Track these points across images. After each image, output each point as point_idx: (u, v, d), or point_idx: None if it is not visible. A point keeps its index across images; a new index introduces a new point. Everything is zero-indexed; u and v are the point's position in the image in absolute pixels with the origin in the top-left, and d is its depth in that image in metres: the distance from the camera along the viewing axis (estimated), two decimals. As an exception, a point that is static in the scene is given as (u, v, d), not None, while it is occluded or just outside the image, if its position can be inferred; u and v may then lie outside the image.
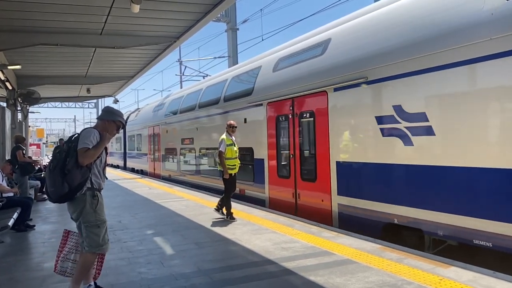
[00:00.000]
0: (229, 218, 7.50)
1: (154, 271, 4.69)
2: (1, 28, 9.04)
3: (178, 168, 15.79)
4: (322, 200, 7.44)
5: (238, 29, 23.17)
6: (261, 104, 9.42)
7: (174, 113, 16.13)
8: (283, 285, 4.15)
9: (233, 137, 7.81)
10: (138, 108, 25.82)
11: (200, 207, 9.14)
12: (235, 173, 7.75)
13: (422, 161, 5.52)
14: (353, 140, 6.81)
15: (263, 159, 9.40)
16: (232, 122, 7.93)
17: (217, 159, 7.90)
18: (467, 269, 4.33)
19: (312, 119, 7.77)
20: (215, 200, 9.97)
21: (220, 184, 10.25)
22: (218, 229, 6.78)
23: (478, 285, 3.90)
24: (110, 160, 28.62)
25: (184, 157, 15.21)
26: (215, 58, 26.86)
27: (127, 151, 25.42)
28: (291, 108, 8.37)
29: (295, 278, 4.32)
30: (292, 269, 4.61)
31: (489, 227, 4.72)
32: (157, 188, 13.27)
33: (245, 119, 10.19)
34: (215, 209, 7.82)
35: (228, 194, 7.64)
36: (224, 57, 25.37)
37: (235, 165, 7.70)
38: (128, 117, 25.34)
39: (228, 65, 22.71)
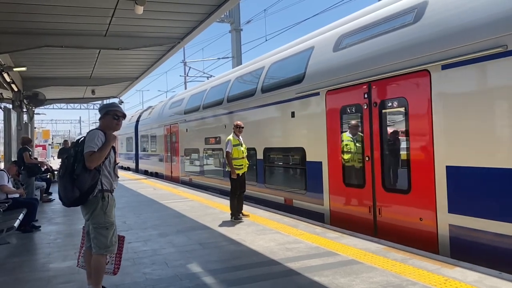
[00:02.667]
0: (234, 218, 7.51)
1: (159, 272, 4.71)
2: (6, 30, 9.11)
3: (202, 171, 13.86)
4: (421, 219, 5.56)
5: (242, 29, 23.24)
6: (318, 93, 7.55)
7: (196, 110, 14.21)
8: (288, 285, 4.15)
9: (240, 137, 7.86)
10: (151, 106, 23.86)
11: (205, 207, 9.15)
12: (243, 173, 7.78)
13: None
14: (481, 136, 4.87)
15: (320, 162, 7.51)
16: (239, 122, 7.99)
17: (223, 160, 7.99)
18: (473, 270, 4.30)
19: (402, 108, 5.89)
20: (219, 201, 10.00)
21: (259, 192, 9.41)
22: (222, 230, 6.79)
23: (484, 286, 3.88)
24: (121, 162, 27.27)
25: (209, 159, 13.31)
26: (219, 58, 26.92)
27: (139, 152, 23.42)
28: (366, 96, 6.49)
29: (299, 279, 4.32)
30: (297, 269, 4.60)
31: None
32: (161, 189, 13.30)
33: (293, 113, 8.36)
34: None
35: (233, 195, 7.65)
36: (228, 57, 25.42)
37: (243, 165, 7.74)
38: (140, 116, 23.85)
39: (232, 65, 22.73)
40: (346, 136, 6.94)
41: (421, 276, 4.23)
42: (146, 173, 21.59)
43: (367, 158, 6.46)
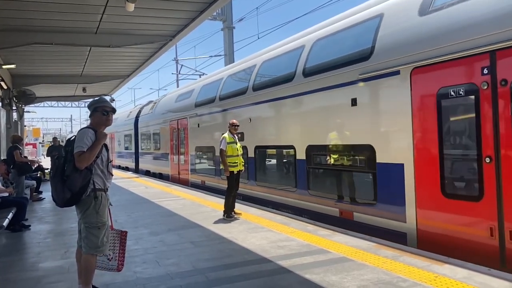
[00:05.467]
0: (226, 216, 7.50)
1: (150, 271, 4.68)
2: (-5, 27, 9.00)
3: (217, 173, 11.65)
4: None
5: (234, 27, 23.13)
6: (397, 72, 5.81)
7: (211, 102, 12.21)
8: (279, 283, 4.15)
9: (235, 135, 7.91)
10: (152, 100, 21.88)
11: (197, 206, 9.13)
12: (238, 171, 7.79)
13: None
14: None
15: (400, 165, 5.76)
16: (234, 121, 8.01)
17: (219, 158, 7.94)
18: (462, 267, 4.34)
19: None
20: (211, 199, 9.98)
21: (299, 200, 7.97)
22: (214, 228, 6.77)
23: (473, 282, 3.92)
24: (118, 161, 25.96)
25: None
26: (211, 56, 26.91)
27: (139, 150, 21.34)
28: (486, 71, 4.70)
29: (291, 277, 4.32)
30: (288, 267, 4.61)
31: None
32: (153, 187, 13.24)
33: (354, 100, 6.58)
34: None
35: (229, 192, 7.67)
36: (220, 55, 25.36)
37: (237, 162, 7.75)
38: (140, 111, 22.03)
39: (224, 63, 22.66)
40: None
41: (411, 273, 4.26)
42: (147, 173, 19.72)
43: (487, 160, 4.69)
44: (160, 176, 17.58)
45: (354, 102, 6.61)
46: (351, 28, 7.09)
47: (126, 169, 24.12)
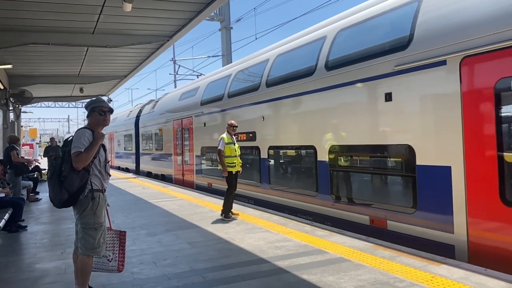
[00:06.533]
0: (224, 216, 7.50)
1: (147, 271, 4.67)
2: (-9, 27, 8.96)
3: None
4: None
5: (232, 28, 23.13)
6: (443, 63, 5.09)
7: (218, 100, 11.51)
8: (276, 284, 4.15)
9: (233, 136, 7.93)
10: (153, 100, 21.32)
11: (194, 206, 9.12)
12: (236, 172, 7.81)
13: None
14: None
15: (447, 168, 5.07)
16: (233, 121, 8.02)
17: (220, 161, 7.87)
18: (459, 267, 4.35)
19: None
20: (209, 200, 9.98)
21: (321, 206, 7.26)
22: (211, 229, 6.77)
23: (470, 282, 3.93)
24: (118, 162, 25.71)
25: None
26: (208, 57, 26.85)
27: (140, 151, 20.66)
28: None
29: (288, 277, 4.32)
30: (285, 268, 4.61)
31: None
32: (151, 188, 13.22)
33: (388, 95, 5.90)
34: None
35: (229, 193, 7.67)
36: (218, 56, 25.35)
37: (235, 163, 7.78)
38: (140, 111, 21.38)
39: (222, 64, 22.65)
40: None
41: (408, 273, 4.27)
42: (149, 175, 19.10)
43: None
44: (162, 178, 16.89)
45: (388, 97, 5.89)
46: (382, 16, 6.38)
47: (126, 170, 23.50)
